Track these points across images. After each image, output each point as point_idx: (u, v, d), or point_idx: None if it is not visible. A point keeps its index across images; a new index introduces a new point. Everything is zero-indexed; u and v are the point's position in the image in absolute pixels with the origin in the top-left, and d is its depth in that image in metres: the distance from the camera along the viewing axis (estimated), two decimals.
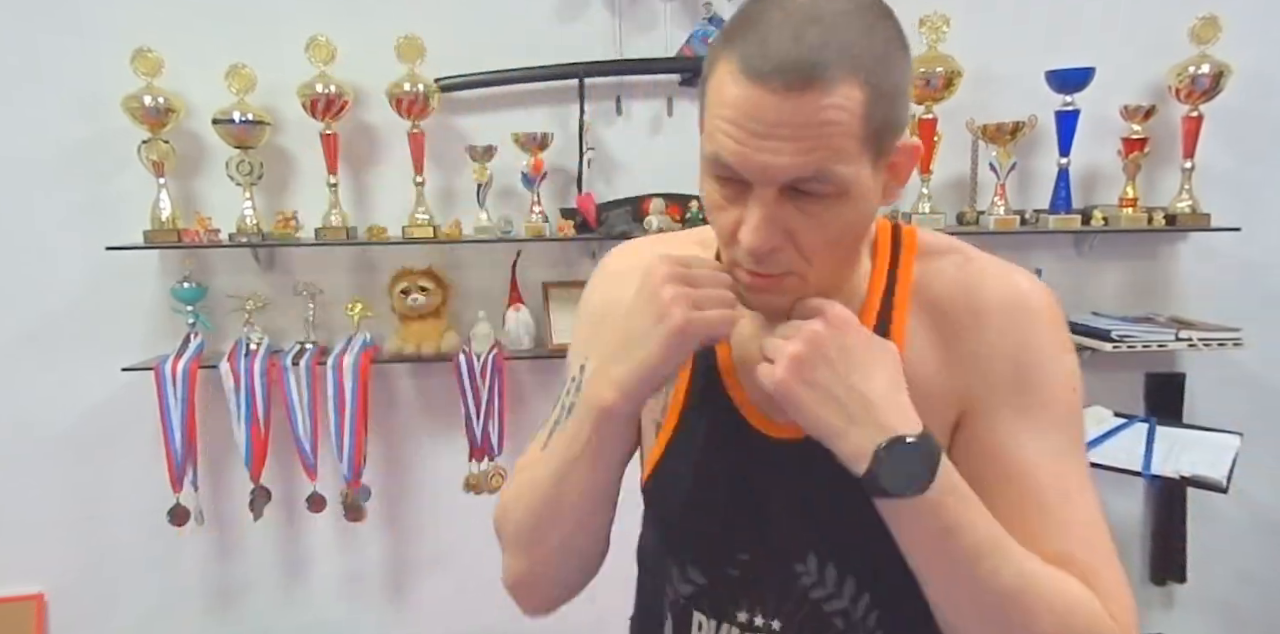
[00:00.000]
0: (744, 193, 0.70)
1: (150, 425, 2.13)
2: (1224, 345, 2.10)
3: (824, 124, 0.65)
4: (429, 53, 2.09)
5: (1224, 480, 1.92)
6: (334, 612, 2.37)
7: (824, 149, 0.66)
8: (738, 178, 0.69)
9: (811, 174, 0.67)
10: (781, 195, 0.68)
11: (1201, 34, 2.09)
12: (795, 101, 0.64)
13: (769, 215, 0.69)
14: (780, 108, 0.65)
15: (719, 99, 0.68)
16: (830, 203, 0.69)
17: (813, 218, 0.69)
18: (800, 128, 0.65)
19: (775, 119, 0.65)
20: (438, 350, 2.15)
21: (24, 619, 2.28)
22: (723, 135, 0.68)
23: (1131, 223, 2.13)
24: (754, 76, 0.65)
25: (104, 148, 2.15)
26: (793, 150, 0.66)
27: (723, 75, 0.68)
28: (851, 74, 0.65)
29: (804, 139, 0.65)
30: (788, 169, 0.66)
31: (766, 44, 0.65)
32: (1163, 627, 2.40)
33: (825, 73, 0.64)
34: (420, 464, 2.33)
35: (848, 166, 0.67)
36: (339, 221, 2.12)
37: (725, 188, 0.71)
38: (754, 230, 0.69)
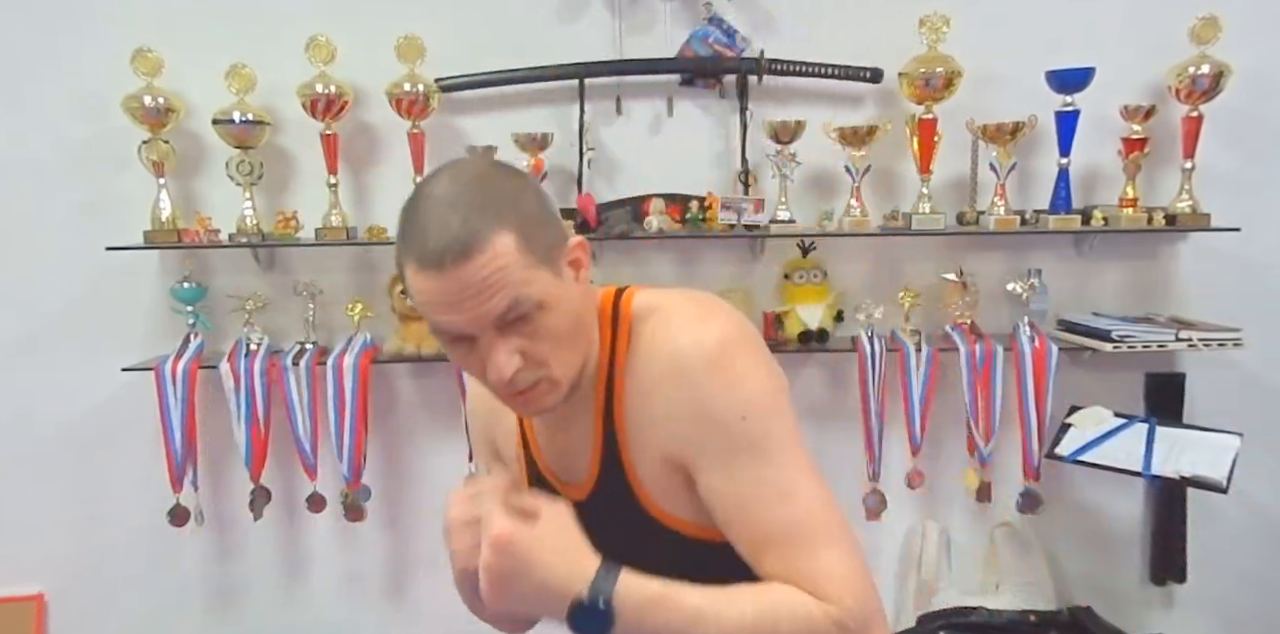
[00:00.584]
0: (472, 344, 0.87)
1: (150, 425, 2.13)
2: (1224, 345, 2.10)
3: (493, 273, 0.82)
4: (429, 53, 2.09)
5: (1224, 480, 1.92)
6: (334, 612, 2.37)
7: (505, 287, 0.83)
8: (462, 333, 0.86)
9: (508, 306, 0.83)
10: (499, 330, 0.85)
11: (1201, 34, 2.09)
12: (464, 271, 0.81)
13: (498, 349, 0.86)
14: (458, 279, 0.82)
15: (415, 289, 0.86)
16: (537, 318, 0.86)
17: (531, 335, 0.86)
18: (480, 284, 0.82)
19: (458, 288, 0.82)
20: (438, 350, 2.15)
21: (24, 619, 2.28)
22: (434, 314, 0.85)
23: (1131, 223, 2.12)
24: (428, 267, 0.83)
25: (104, 148, 2.15)
26: (484, 300, 0.83)
27: (411, 275, 0.86)
28: (496, 229, 0.82)
29: (486, 290, 0.82)
30: (489, 312, 0.83)
31: (424, 241, 0.83)
32: (1163, 627, 2.40)
33: (474, 240, 0.81)
34: (420, 464, 2.33)
35: (531, 288, 0.84)
36: (339, 221, 2.12)
37: (458, 344, 0.88)
38: (495, 367, 0.86)
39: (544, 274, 0.86)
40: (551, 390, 0.91)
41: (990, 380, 2.16)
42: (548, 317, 0.86)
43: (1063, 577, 2.37)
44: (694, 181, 2.21)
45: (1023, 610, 2.23)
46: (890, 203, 2.24)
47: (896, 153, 2.21)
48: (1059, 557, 2.38)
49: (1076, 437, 2.11)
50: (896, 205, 2.23)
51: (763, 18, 2.21)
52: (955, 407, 2.21)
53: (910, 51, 2.12)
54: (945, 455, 2.32)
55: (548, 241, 0.87)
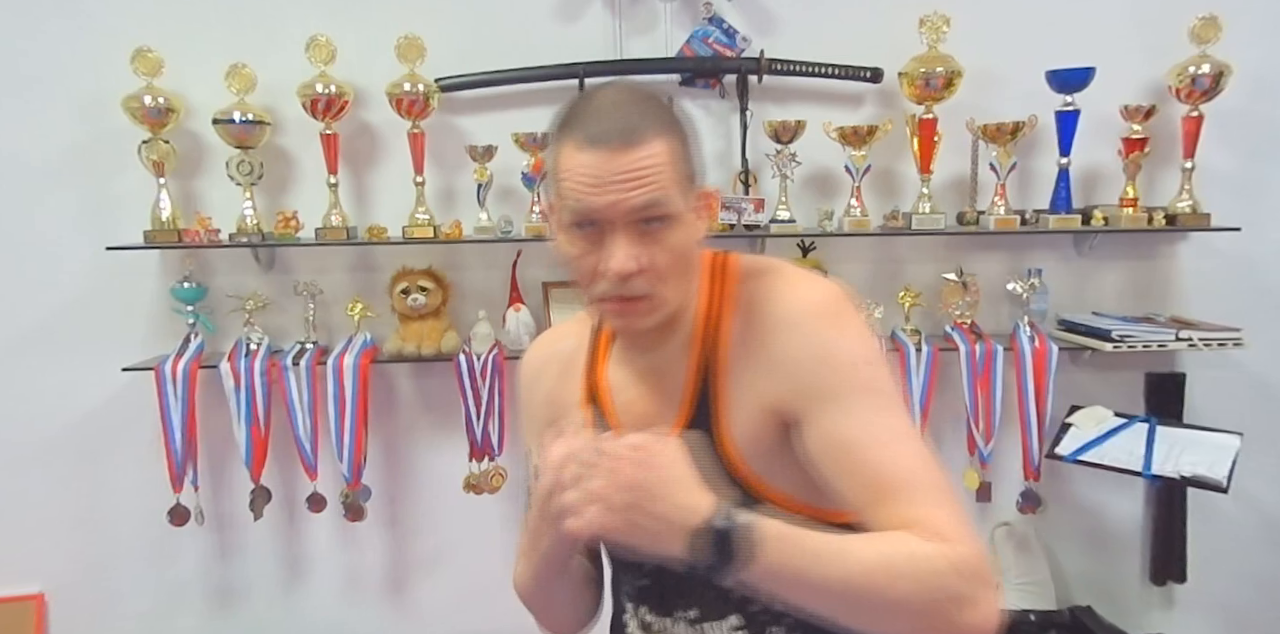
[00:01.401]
0: (599, 237, 0.89)
1: (150, 425, 2.13)
2: (1224, 345, 2.10)
3: (649, 168, 0.87)
4: (429, 53, 2.09)
5: (1224, 480, 1.92)
6: (334, 612, 2.37)
7: (651, 185, 0.87)
8: (593, 222, 0.89)
9: (646, 204, 0.87)
10: (631, 227, 0.88)
11: (1201, 34, 2.09)
12: (624, 156, 0.87)
13: (625, 245, 0.88)
14: (615, 162, 0.86)
15: (568, 167, 0.89)
16: (666, 229, 0.89)
17: (656, 243, 0.89)
18: (633, 172, 0.87)
19: (610, 171, 0.87)
20: (438, 350, 2.15)
21: (24, 619, 2.28)
22: (577, 191, 0.88)
23: (1132, 223, 2.12)
24: (592, 146, 0.87)
25: (104, 148, 2.15)
26: (630, 189, 0.87)
27: (567, 151, 0.89)
28: (660, 134, 0.89)
29: (636, 180, 0.87)
30: (630, 201, 0.87)
31: (597, 123, 0.88)
32: (1163, 627, 2.40)
33: (641, 134, 0.87)
34: (420, 464, 2.33)
35: (672, 198, 0.89)
36: (339, 221, 2.12)
37: (582, 238, 0.90)
38: (619, 258, 0.88)
39: (681, 195, 0.90)
40: (653, 310, 0.92)
41: (990, 380, 2.16)
42: (675, 233, 0.90)
43: (1063, 577, 2.38)
44: None
45: (1023, 610, 2.24)
46: (890, 203, 2.24)
47: (896, 153, 2.21)
48: (1059, 557, 2.38)
49: (1076, 436, 2.11)
50: (897, 205, 2.23)
51: (763, 18, 2.21)
52: (955, 406, 2.21)
53: (910, 51, 2.12)
54: (945, 455, 2.32)
55: (692, 173, 0.93)
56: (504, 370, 2.14)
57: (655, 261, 0.89)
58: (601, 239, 0.89)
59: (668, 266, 0.90)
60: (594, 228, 0.89)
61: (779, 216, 2.15)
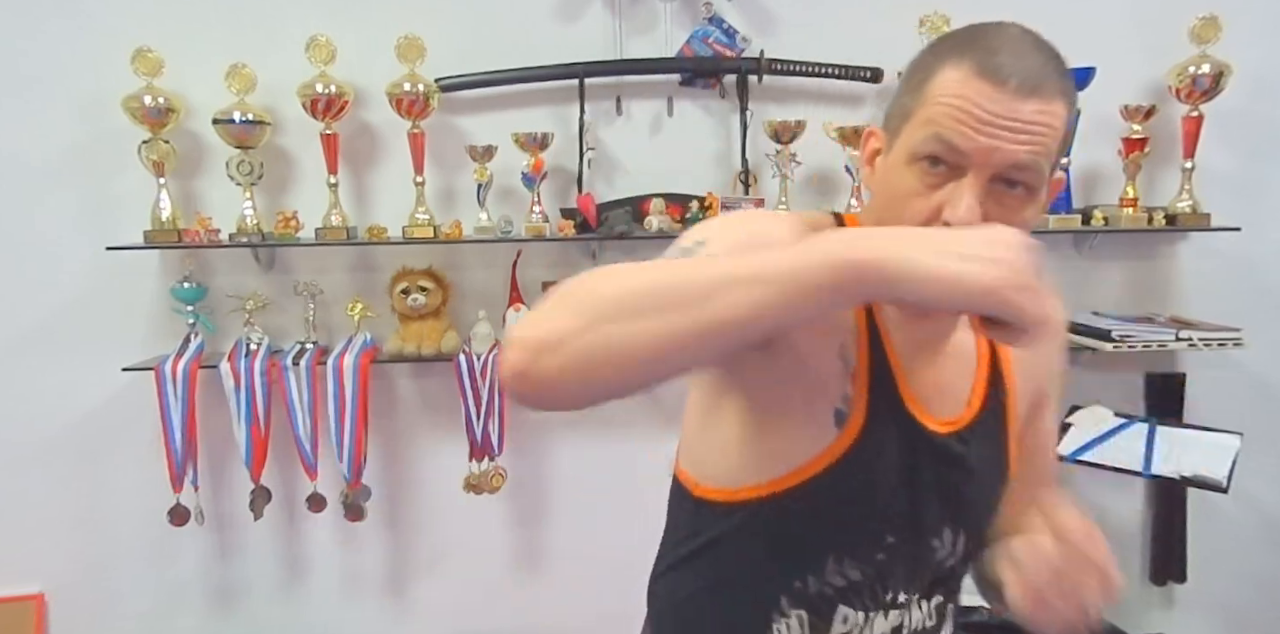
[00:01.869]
0: (948, 179, 0.78)
1: (150, 425, 2.13)
2: (1224, 345, 2.10)
3: (1042, 125, 0.76)
4: (429, 53, 2.09)
5: (1224, 480, 1.92)
6: (334, 612, 2.37)
7: (1037, 145, 0.77)
8: (954, 161, 0.77)
9: (1026, 163, 0.77)
10: (988, 183, 0.77)
11: (1201, 34, 2.09)
12: (1024, 101, 0.76)
13: (975, 195, 0.77)
14: (1011, 104, 0.75)
15: (954, 91, 0.77)
16: (1023, 199, 0.79)
17: (1006, 211, 0.78)
18: (1025, 123, 0.76)
19: (1005, 112, 0.76)
20: (438, 350, 2.15)
21: (24, 619, 2.28)
22: (953, 121, 0.77)
23: (1132, 223, 2.12)
24: (991, 77, 0.76)
25: (104, 148, 2.15)
26: (1016, 140, 0.76)
27: (952, 74, 0.78)
28: (1061, 95, 0.78)
29: (1025, 133, 0.76)
30: (1008, 155, 0.76)
31: (1001, 55, 0.77)
32: (1163, 627, 2.40)
33: (1049, 87, 0.77)
34: (420, 464, 2.33)
35: (1046, 166, 0.79)
36: (339, 221, 2.12)
37: (931, 174, 0.79)
38: (967, 209, 0.76)
39: (1049, 168, 0.80)
40: None
41: None
42: (1030, 206, 0.80)
43: None
44: (694, 181, 2.21)
45: None
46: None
47: None
48: None
49: (1076, 436, 2.11)
50: None
51: (763, 18, 2.21)
52: None
53: (910, 51, 2.10)
54: None
55: (1066, 149, 0.88)
56: None
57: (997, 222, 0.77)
58: (950, 180, 0.78)
59: None
60: (946, 169, 0.78)
61: None
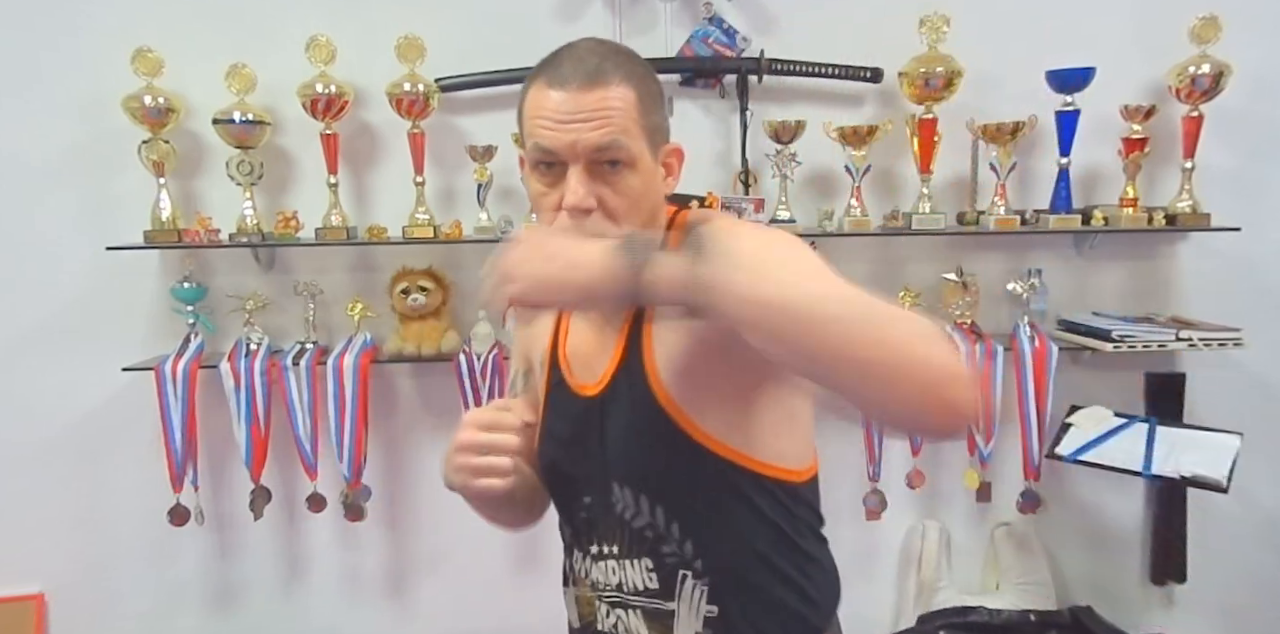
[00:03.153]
0: (560, 176, 0.93)
1: (150, 425, 2.13)
2: (1224, 345, 2.10)
3: (610, 109, 0.91)
4: (429, 53, 2.09)
5: (1224, 480, 1.92)
6: (334, 612, 2.37)
7: (612, 126, 0.91)
8: (555, 160, 0.93)
9: (606, 144, 0.91)
10: (589, 170, 0.92)
11: (1201, 34, 2.09)
12: (585, 95, 0.91)
13: (583, 182, 0.92)
14: (578, 100, 0.91)
15: (534, 108, 0.94)
16: (624, 173, 0.93)
17: (613, 185, 0.93)
18: (594, 112, 0.90)
19: (574, 109, 0.91)
20: (438, 350, 2.15)
21: (24, 619, 2.28)
22: (541, 129, 0.92)
23: (1132, 223, 2.12)
24: (557, 84, 0.92)
25: (104, 148, 2.15)
26: (591, 128, 0.90)
27: (534, 93, 0.94)
28: (625, 80, 0.92)
29: (597, 119, 0.90)
30: (589, 141, 0.91)
31: (563, 66, 0.93)
32: (1163, 627, 2.40)
33: (606, 77, 0.91)
34: (420, 464, 2.33)
35: (633, 142, 0.92)
36: (339, 221, 2.12)
37: (545, 176, 0.95)
38: (573, 192, 0.91)
39: (644, 144, 0.94)
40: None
41: (990, 380, 2.15)
42: (634, 178, 0.93)
43: (1063, 577, 2.38)
44: (694, 181, 2.20)
45: (1023, 610, 2.24)
46: (890, 203, 2.24)
47: (896, 153, 2.21)
48: (1059, 557, 2.38)
49: (1077, 436, 2.11)
50: (897, 205, 2.23)
51: (763, 18, 2.21)
52: None
53: (910, 51, 2.12)
54: (945, 455, 2.32)
55: (657, 124, 0.97)
56: (504, 370, 2.13)
57: (611, 203, 0.93)
58: (561, 179, 0.93)
59: (623, 209, 0.93)
60: (556, 167, 0.93)
61: (779, 216, 2.15)
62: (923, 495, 2.32)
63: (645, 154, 0.95)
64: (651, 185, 0.97)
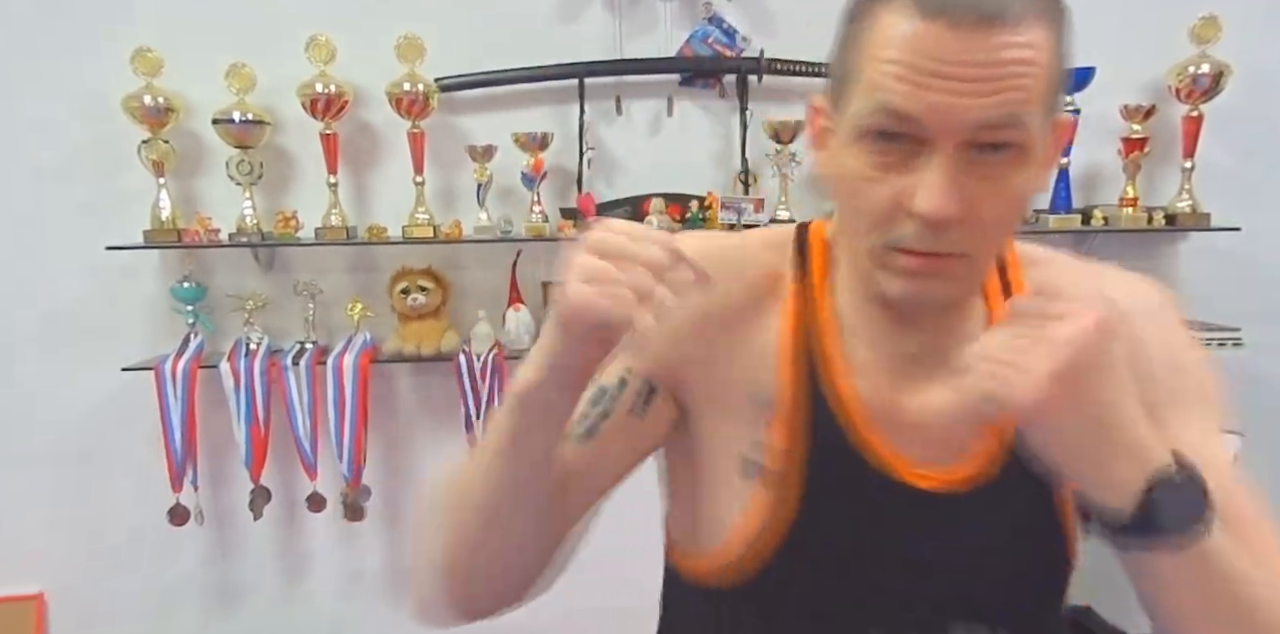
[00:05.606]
0: (909, 158, 0.61)
1: (150, 425, 2.13)
2: (1224, 345, 2.10)
3: (1015, 63, 0.57)
4: (429, 53, 2.09)
5: None
6: (334, 612, 2.37)
7: (1015, 90, 0.58)
8: (908, 133, 0.60)
9: (1002, 119, 0.58)
10: (960, 154, 0.60)
11: (1201, 34, 2.09)
12: (984, 38, 0.57)
13: (952, 177, 0.59)
14: (967, 45, 0.57)
15: (883, 43, 0.60)
16: (1012, 164, 0.61)
17: (993, 182, 0.61)
18: (990, 67, 0.57)
19: (961, 57, 0.57)
20: (438, 350, 2.15)
21: (24, 619, 2.28)
22: (893, 80, 0.59)
23: (1132, 223, 2.12)
24: (933, 12, 0.57)
25: (104, 148, 2.15)
26: (981, 92, 0.57)
27: (887, 19, 0.60)
28: (1039, 16, 0.58)
29: (993, 79, 0.57)
30: (976, 112, 0.58)
31: None
32: None
33: (1016, 8, 0.57)
34: (420, 464, 2.33)
35: (1034, 115, 0.60)
36: (339, 221, 2.12)
37: (884, 153, 0.61)
38: (939, 192, 0.59)
39: (1043, 118, 0.61)
40: (965, 275, 0.66)
41: None
42: (1021, 171, 0.62)
43: None
44: (694, 181, 2.21)
45: None
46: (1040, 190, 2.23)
47: None
48: None
49: None
50: None
51: (763, 18, 2.21)
52: None
53: None
54: None
55: (1064, 80, 0.63)
56: (504, 370, 2.13)
57: (985, 210, 0.61)
58: (911, 162, 0.61)
59: (1000, 219, 0.63)
60: (904, 143, 0.61)
61: (779, 216, 2.15)
62: None
63: (1041, 136, 0.62)
64: (1041, 180, 0.65)
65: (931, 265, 0.63)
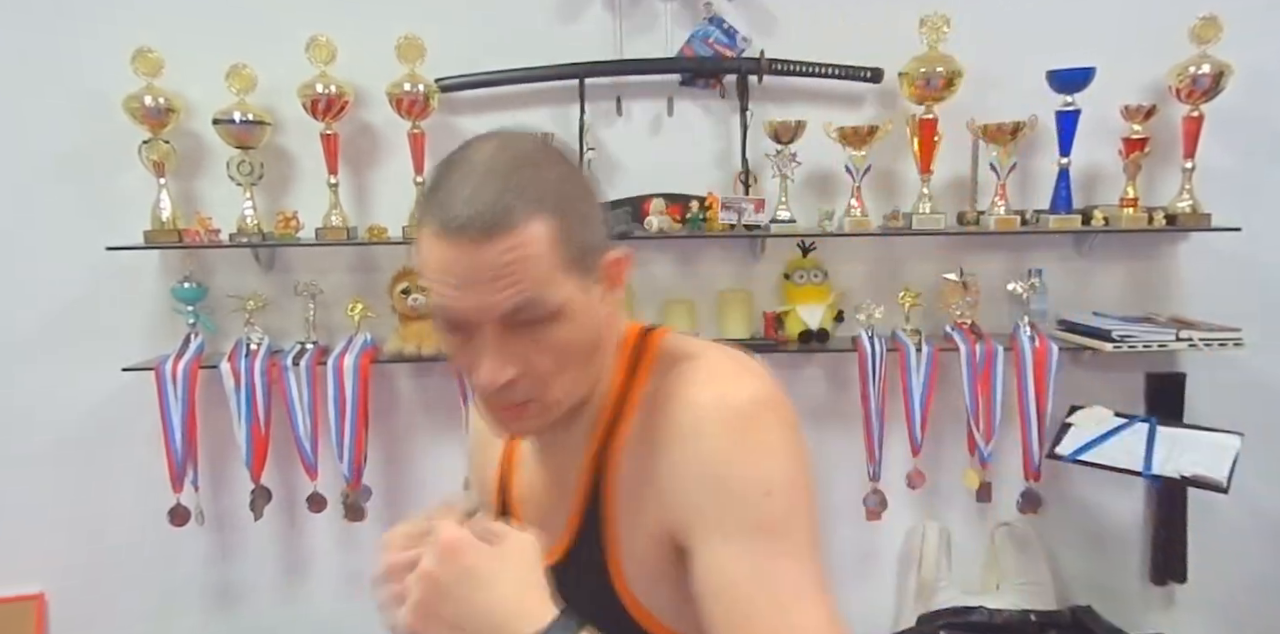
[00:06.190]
0: (472, 334, 0.75)
1: (150, 425, 2.13)
2: (1224, 345, 2.10)
3: (516, 262, 0.71)
4: (429, 53, 2.09)
5: (1224, 480, 1.92)
6: (334, 612, 2.37)
7: (524, 281, 0.72)
8: (462, 321, 0.75)
9: (520, 305, 0.72)
10: (504, 329, 0.74)
11: (1201, 34, 2.09)
12: (486, 249, 0.70)
13: (496, 350, 0.74)
14: (475, 257, 0.71)
15: (426, 260, 0.74)
16: (549, 326, 0.74)
17: (538, 343, 0.75)
18: (498, 269, 0.71)
19: (473, 267, 0.71)
20: (438, 350, 2.14)
21: (24, 619, 2.28)
22: (438, 289, 0.74)
23: (1132, 223, 2.12)
24: (447, 235, 0.71)
25: (104, 148, 2.15)
26: (496, 289, 0.72)
27: (425, 239, 0.74)
28: (535, 212, 0.71)
29: (503, 277, 0.71)
30: (497, 305, 0.72)
31: (451, 204, 0.71)
32: (1163, 627, 2.40)
33: (509, 217, 0.70)
34: (420, 464, 2.33)
35: (553, 291, 0.73)
36: (339, 221, 2.12)
37: (455, 334, 0.77)
38: (487, 369, 0.74)
39: (571, 279, 0.74)
40: (540, 413, 0.80)
41: (990, 380, 2.16)
42: (562, 329, 0.75)
43: (1063, 577, 2.37)
44: (694, 181, 2.21)
45: (1023, 610, 2.23)
46: (890, 203, 2.24)
47: (896, 153, 2.21)
48: (1059, 557, 2.38)
49: (1077, 436, 2.11)
50: (897, 205, 2.23)
51: (763, 18, 2.21)
52: (955, 407, 2.21)
53: (910, 51, 2.12)
54: (945, 455, 2.32)
55: (586, 244, 0.76)
56: None
57: (536, 365, 0.75)
58: (473, 337, 0.75)
59: (554, 367, 0.76)
60: (465, 327, 0.75)
61: (779, 217, 2.15)
62: (923, 495, 2.32)
63: (575, 294, 0.75)
64: (590, 323, 0.77)
65: (510, 413, 0.80)
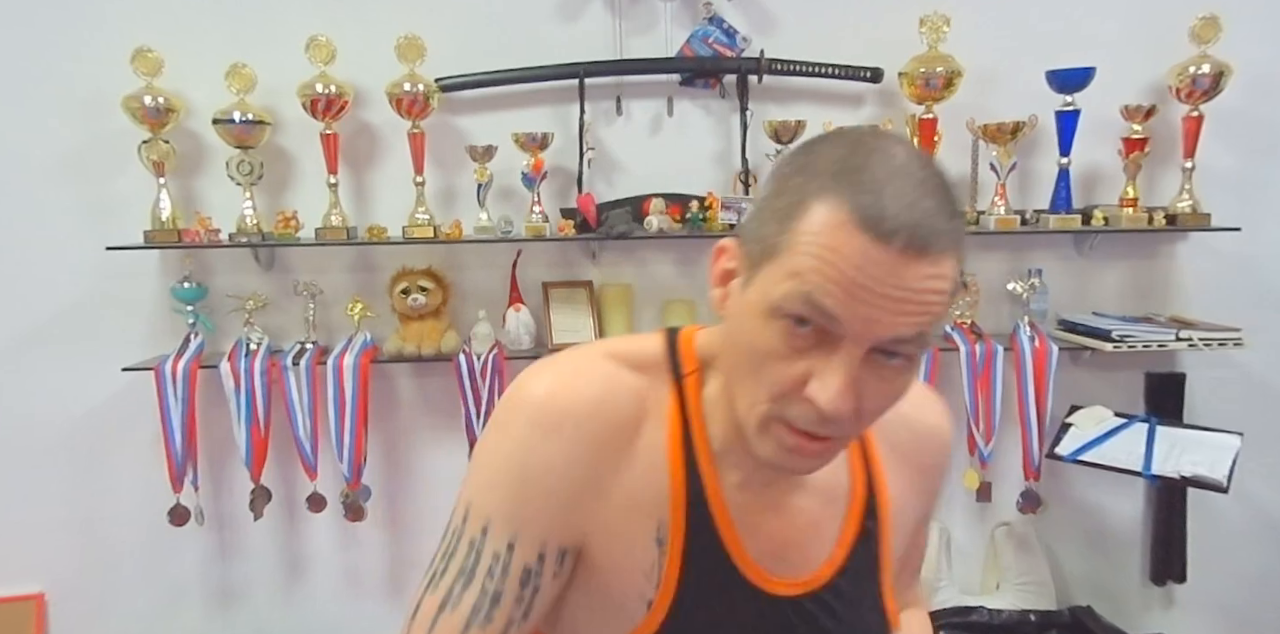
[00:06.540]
0: (819, 345, 0.65)
1: (150, 425, 2.13)
2: (1224, 345, 2.10)
3: (933, 292, 0.64)
4: (429, 53, 2.09)
5: (1224, 480, 1.92)
6: (334, 612, 2.37)
7: (927, 314, 0.64)
8: (827, 327, 0.64)
9: (911, 336, 0.65)
10: (865, 355, 0.65)
11: (1201, 34, 2.09)
12: (912, 266, 0.62)
13: (853, 377, 0.65)
14: (897, 269, 0.62)
15: (819, 240, 0.63)
16: (902, 369, 0.67)
17: (884, 383, 0.67)
18: (912, 292, 0.63)
19: (891, 280, 0.62)
20: (438, 350, 2.15)
21: (24, 619, 2.28)
22: (825, 280, 0.63)
23: (1132, 223, 2.13)
24: (873, 230, 0.62)
25: (104, 148, 2.15)
26: (901, 311, 0.63)
27: (825, 215, 0.64)
28: (952, 250, 0.65)
29: (914, 303, 0.63)
30: (894, 329, 0.64)
31: (885, 197, 0.62)
32: (1163, 627, 2.40)
33: (940, 242, 0.63)
34: (420, 464, 2.33)
35: (932, 335, 0.67)
36: (339, 221, 2.12)
37: (797, 337, 0.65)
38: (839, 395, 0.64)
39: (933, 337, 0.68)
40: (834, 453, 0.73)
41: (990, 380, 2.16)
42: (910, 374, 0.69)
43: (1063, 577, 2.38)
44: (694, 181, 2.21)
45: (1023, 610, 2.24)
46: None
47: None
48: (1059, 557, 2.38)
49: (1077, 436, 2.11)
50: None
51: (762, 18, 2.21)
52: (955, 406, 2.21)
53: (910, 51, 2.12)
54: None
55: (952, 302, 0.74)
56: (504, 370, 2.13)
57: (871, 405, 0.68)
58: (818, 349, 0.65)
59: (880, 411, 0.70)
60: (814, 329, 0.65)
61: None
62: None
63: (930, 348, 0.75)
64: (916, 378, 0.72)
65: (812, 446, 0.69)
